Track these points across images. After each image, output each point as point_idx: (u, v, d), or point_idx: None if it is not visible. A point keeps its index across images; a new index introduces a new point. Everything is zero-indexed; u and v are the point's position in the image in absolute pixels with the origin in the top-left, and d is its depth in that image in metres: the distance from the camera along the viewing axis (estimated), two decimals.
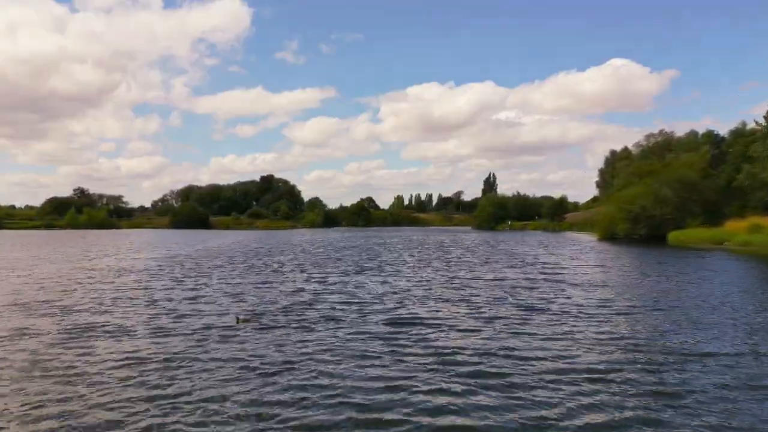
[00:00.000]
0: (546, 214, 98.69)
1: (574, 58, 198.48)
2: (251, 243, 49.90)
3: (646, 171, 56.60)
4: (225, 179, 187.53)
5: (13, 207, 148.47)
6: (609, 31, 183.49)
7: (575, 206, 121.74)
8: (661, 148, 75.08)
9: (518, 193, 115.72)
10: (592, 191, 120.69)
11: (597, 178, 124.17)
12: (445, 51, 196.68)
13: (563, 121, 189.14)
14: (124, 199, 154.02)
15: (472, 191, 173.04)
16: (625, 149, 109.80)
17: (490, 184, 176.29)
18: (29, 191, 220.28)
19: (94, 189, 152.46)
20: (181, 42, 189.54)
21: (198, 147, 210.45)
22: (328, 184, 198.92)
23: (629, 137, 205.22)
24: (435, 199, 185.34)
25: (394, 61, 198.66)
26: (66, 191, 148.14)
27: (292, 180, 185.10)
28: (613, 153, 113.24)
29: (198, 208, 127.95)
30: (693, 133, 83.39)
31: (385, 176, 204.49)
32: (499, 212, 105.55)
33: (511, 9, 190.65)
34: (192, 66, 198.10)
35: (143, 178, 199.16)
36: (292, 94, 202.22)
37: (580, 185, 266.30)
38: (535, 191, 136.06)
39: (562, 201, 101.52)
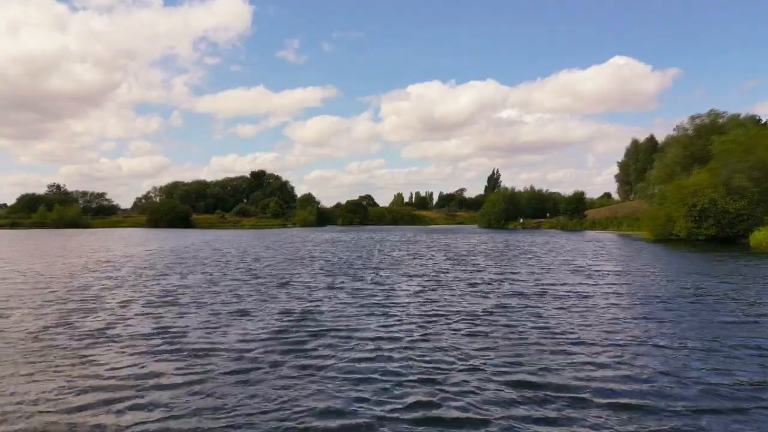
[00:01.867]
0: (564, 210, 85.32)
1: (576, 55, 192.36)
2: (194, 250, 36.66)
3: (720, 151, 43.22)
4: None
5: (4, 205, 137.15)
6: (611, 29, 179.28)
7: (590, 203, 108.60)
8: (709, 131, 61.73)
9: (532, 188, 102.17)
10: (598, 188, 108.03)
11: (617, 172, 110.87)
12: (447, 49, 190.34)
13: (564, 120, 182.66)
14: (108, 197, 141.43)
15: (473, 191, 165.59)
16: (651, 138, 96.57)
17: (493, 180, 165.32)
18: (30, 191, 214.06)
19: (94, 188, 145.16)
20: (182, 41, 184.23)
21: (199, 147, 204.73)
22: (329, 184, 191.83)
23: (631, 136, 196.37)
24: (436, 197, 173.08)
25: (395, 60, 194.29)
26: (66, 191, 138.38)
27: (293, 180, 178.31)
28: (635, 143, 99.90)
29: (179, 205, 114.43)
30: (734, 117, 70.51)
31: (386, 176, 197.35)
32: (510, 209, 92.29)
33: (514, 6, 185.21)
34: (193, 65, 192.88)
35: (145, 177, 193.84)
36: (293, 93, 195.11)
37: (580, 183, 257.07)
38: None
39: (582, 197, 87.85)
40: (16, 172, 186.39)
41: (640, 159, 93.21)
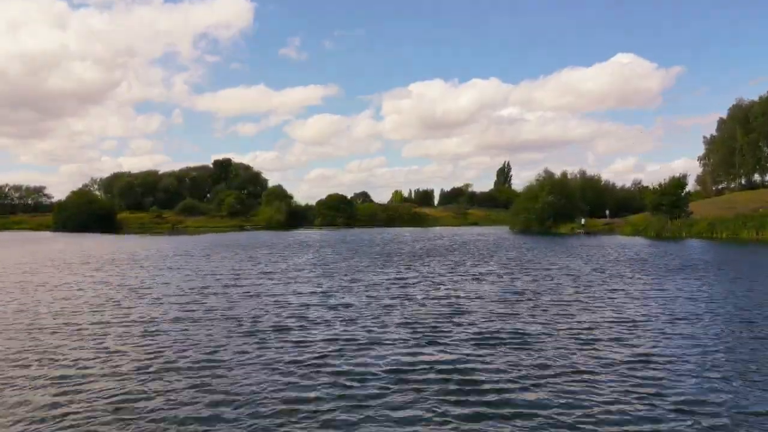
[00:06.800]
0: (657, 205, 51.84)
1: (580, 53, 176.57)
2: None
3: None
4: None
5: None
6: (615, 27, 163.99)
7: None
8: None
9: (583, 174, 68.73)
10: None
11: (703, 150, 77.29)
12: (449, 47, 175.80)
13: (567, 118, 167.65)
14: (47, 192, 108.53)
15: (474, 189, 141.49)
16: (762, 100, 63.20)
17: (504, 174, 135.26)
18: None
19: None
20: (182, 38, 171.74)
21: (199, 145, 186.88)
22: (329, 183, 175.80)
23: (634, 134, 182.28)
24: (437, 196, 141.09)
25: (397, 58, 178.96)
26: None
27: (292, 179, 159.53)
28: (738, 108, 66.27)
29: (98, 202, 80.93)
30: None
31: (386, 174, 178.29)
32: (559, 203, 59.15)
33: (517, 4, 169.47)
34: (193, 63, 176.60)
35: None
36: (294, 91, 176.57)
37: None
38: None
39: (683, 184, 53.58)
40: (17, 172, 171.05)
41: (756, 127, 59.79)
